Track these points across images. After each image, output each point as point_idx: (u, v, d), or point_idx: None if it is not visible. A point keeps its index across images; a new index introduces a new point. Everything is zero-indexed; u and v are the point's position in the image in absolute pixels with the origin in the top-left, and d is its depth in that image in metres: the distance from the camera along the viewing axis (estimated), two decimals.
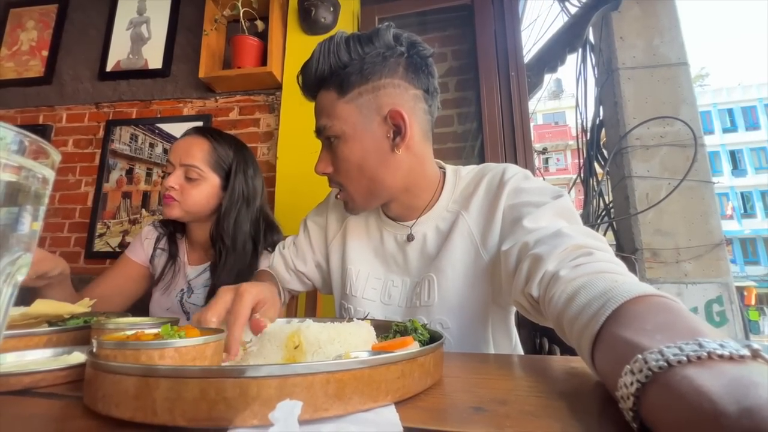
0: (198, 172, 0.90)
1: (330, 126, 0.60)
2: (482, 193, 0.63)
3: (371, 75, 0.58)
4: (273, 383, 0.26)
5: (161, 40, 1.77)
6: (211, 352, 0.35)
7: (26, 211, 0.23)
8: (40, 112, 1.83)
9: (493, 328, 0.62)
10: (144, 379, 0.27)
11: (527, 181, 0.61)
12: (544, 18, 3.10)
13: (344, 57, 0.59)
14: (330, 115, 0.60)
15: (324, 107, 0.61)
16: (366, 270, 0.70)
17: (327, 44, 0.60)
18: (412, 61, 0.60)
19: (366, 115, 0.59)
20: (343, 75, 0.58)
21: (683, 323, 0.28)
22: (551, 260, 0.44)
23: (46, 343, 0.47)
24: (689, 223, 1.42)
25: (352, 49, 0.59)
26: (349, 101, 0.59)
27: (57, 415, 0.31)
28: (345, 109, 0.59)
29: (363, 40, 0.59)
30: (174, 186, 0.89)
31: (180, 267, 0.98)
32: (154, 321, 0.52)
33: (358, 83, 0.58)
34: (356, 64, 0.58)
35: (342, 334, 0.38)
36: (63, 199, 1.72)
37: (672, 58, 1.52)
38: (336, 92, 0.59)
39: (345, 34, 0.60)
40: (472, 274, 0.61)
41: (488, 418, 0.28)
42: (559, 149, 17.88)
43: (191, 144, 0.92)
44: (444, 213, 0.65)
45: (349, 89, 0.59)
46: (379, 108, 0.59)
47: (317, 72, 0.60)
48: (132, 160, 1.70)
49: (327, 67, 0.59)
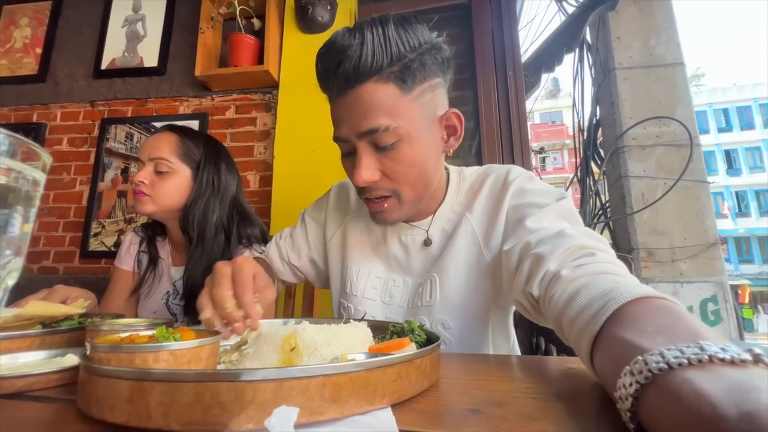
0: (167, 164, 0.88)
1: (394, 127, 0.52)
2: (486, 194, 0.63)
3: (431, 72, 0.54)
4: (269, 387, 0.26)
5: (157, 38, 1.76)
6: (207, 355, 0.34)
7: (17, 212, 0.23)
8: (34, 110, 1.81)
9: (493, 328, 0.62)
10: (138, 383, 0.26)
11: (531, 182, 0.61)
12: (541, 17, 3.10)
13: (404, 47, 0.52)
14: (392, 114, 0.52)
15: (381, 104, 0.52)
16: (367, 269, 0.69)
17: (377, 30, 0.52)
18: (445, 59, 0.57)
19: (426, 115, 0.56)
20: (405, 68, 0.52)
21: (684, 326, 0.28)
22: (553, 260, 0.44)
23: (40, 345, 0.46)
24: (685, 223, 1.42)
25: (410, 40, 0.52)
26: (414, 99, 0.54)
27: (50, 419, 0.30)
28: (410, 107, 0.53)
29: (408, 30, 0.53)
30: (144, 180, 0.87)
31: (164, 269, 0.98)
32: (149, 322, 0.52)
33: (421, 80, 0.53)
34: (416, 58, 0.52)
35: (338, 336, 0.38)
36: (57, 198, 1.71)
37: (668, 58, 1.53)
38: (398, 87, 0.52)
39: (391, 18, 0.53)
40: (474, 274, 0.60)
41: (485, 421, 0.28)
42: (555, 148, 17.94)
43: (159, 138, 0.91)
44: (450, 214, 0.65)
45: (413, 86, 0.53)
46: (436, 108, 0.57)
47: (373, 60, 0.51)
48: (127, 159, 1.69)
49: (386, 57, 0.51)
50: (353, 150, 0.56)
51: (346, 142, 0.56)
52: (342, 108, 0.55)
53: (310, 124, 1.46)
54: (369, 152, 0.55)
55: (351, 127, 0.54)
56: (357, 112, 0.53)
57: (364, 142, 0.54)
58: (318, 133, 1.46)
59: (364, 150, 0.55)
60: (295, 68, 1.52)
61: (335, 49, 0.52)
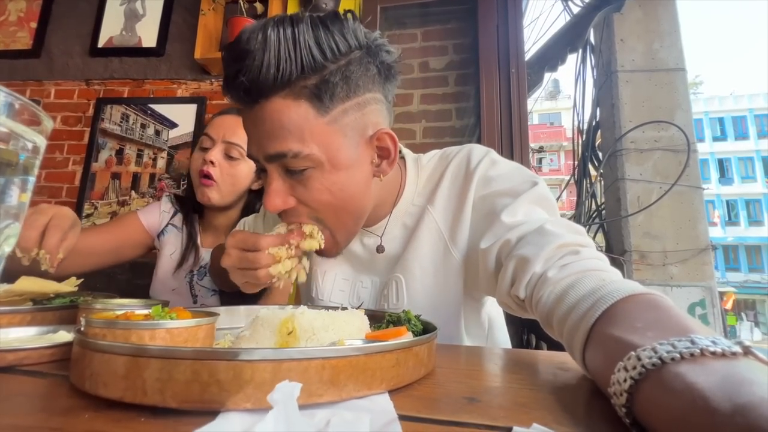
0: (240, 151, 0.87)
1: (306, 153, 0.44)
2: (447, 185, 0.57)
3: (358, 86, 0.46)
4: (267, 367, 0.25)
5: (156, 18, 1.73)
6: (204, 335, 0.34)
7: (14, 183, 0.22)
8: (27, 86, 1.77)
9: (466, 321, 0.59)
10: (134, 359, 0.26)
11: (495, 166, 0.55)
12: (546, 16, 3.09)
13: (321, 55, 0.42)
14: (303, 138, 0.44)
15: (289, 125, 0.44)
16: (333, 271, 0.64)
17: (285, 32, 0.41)
18: (384, 67, 0.49)
19: (351, 137, 0.47)
20: (322, 83, 0.43)
21: (674, 320, 0.28)
22: (538, 262, 0.43)
23: (31, 322, 0.46)
24: (677, 228, 1.44)
25: (331, 45, 0.43)
26: (333, 121, 0.45)
27: (42, 392, 0.30)
28: (326, 132, 0.45)
29: (332, 32, 0.43)
30: (214, 161, 0.85)
31: (197, 249, 0.95)
32: (143, 302, 0.52)
33: (343, 98, 0.45)
34: (336, 69, 0.44)
35: (337, 322, 0.38)
36: (49, 177, 1.68)
37: (670, 63, 1.54)
38: (312, 107, 0.44)
39: (301, 17, 0.43)
40: (442, 272, 0.56)
41: (481, 409, 0.28)
42: (553, 150, 18.02)
43: (238, 123, 0.86)
44: (410, 208, 0.60)
45: (331, 105, 0.45)
46: (364, 129, 0.48)
47: (278, 71, 0.42)
48: (122, 141, 1.66)
49: (295, 67, 0.42)
50: (264, 170, 0.49)
51: (257, 161, 0.49)
52: (248, 123, 0.48)
53: None
54: (279, 176, 0.47)
55: (258, 147, 0.47)
56: (263, 132, 0.45)
57: (274, 165, 0.47)
58: None
59: (274, 173, 0.47)
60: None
61: (235, 52, 0.43)
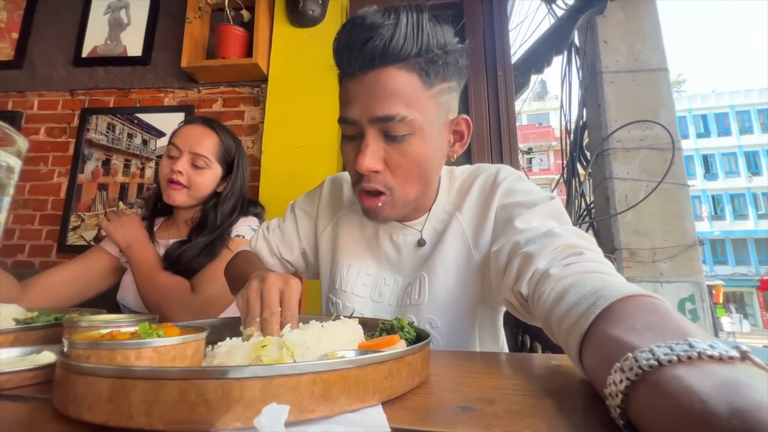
0: (206, 161, 0.97)
1: (410, 119, 0.51)
2: (475, 194, 0.63)
3: (451, 73, 0.53)
4: (257, 385, 0.25)
5: (141, 27, 1.70)
6: (192, 352, 0.33)
7: None
8: (9, 97, 1.73)
9: (481, 328, 0.62)
10: (120, 380, 0.25)
11: (520, 182, 0.61)
12: (531, 19, 3.13)
13: (434, 41, 0.50)
14: (410, 105, 0.51)
15: (401, 92, 0.50)
16: (357, 265, 0.68)
17: (413, 16, 0.49)
18: (464, 66, 0.56)
19: (440, 115, 0.54)
20: (431, 62, 0.50)
21: (672, 323, 0.28)
22: (542, 258, 0.44)
23: (13, 342, 0.44)
24: (665, 224, 1.46)
25: (438, 36, 0.51)
26: (434, 96, 0.52)
27: (24, 418, 0.29)
28: (428, 103, 0.52)
29: (442, 27, 0.52)
30: (182, 171, 0.95)
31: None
32: (131, 319, 0.50)
33: (442, 78, 0.52)
34: (441, 54, 0.51)
35: (328, 332, 0.37)
36: (33, 189, 1.64)
37: (653, 64, 1.57)
38: (420, 80, 0.51)
39: (423, 7, 0.51)
40: (463, 273, 0.61)
41: (476, 418, 0.28)
42: (542, 150, 18.22)
43: (203, 134, 0.98)
44: (441, 214, 0.65)
45: (435, 82, 0.52)
46: (449, 111, 0.56)
47: (404, 45, 0.49)
48: (109, 151, 1.64)
49: (416, 45, 0.49)
50: (359, 134, 0.53)
51: (354, 125, 0.53)
52: (358, 87, 0.52)
53: (299, 120, 1.44)
54: (377, 140, 0.52)
55: (364, 109, 0.51)
56: (374, 96, 0.50)
57: (374, 129, 0.52)
58: (307, 128, 1.44)
59: (373, 136, 0.52)
60: (285, 62, 1.50)
61: (366, 24, 0.49)
